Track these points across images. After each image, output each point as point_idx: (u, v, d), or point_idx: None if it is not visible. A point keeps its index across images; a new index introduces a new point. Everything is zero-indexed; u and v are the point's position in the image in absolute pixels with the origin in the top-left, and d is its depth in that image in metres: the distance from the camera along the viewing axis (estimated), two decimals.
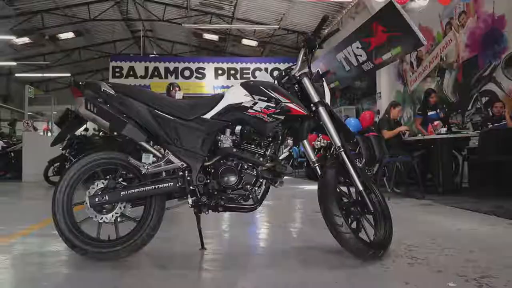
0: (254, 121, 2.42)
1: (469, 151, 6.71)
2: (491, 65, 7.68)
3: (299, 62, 2.64)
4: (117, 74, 16.95)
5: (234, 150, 2.43)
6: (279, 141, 2.53)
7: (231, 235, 3.39)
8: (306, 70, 2.64)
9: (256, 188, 2.46)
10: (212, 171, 2.43)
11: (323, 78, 2.72)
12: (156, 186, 2.40)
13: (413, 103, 10.60)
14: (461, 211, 4.46)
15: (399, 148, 6.27)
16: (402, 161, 5.91)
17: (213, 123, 2.46)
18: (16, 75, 22.25)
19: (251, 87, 2.46)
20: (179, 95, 7.39)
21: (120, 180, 2.46)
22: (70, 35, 19.52)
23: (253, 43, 19.17)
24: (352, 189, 2.61)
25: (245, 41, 19.11)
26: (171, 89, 7.91)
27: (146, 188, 2.40)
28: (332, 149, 2.83)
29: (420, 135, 6.93)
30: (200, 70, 17.11)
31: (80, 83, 2.53)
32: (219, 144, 2.49)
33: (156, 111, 2.45)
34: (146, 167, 2.38)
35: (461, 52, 8.60)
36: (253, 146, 2.49)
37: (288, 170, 2.45)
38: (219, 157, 2.44)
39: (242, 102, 2.43)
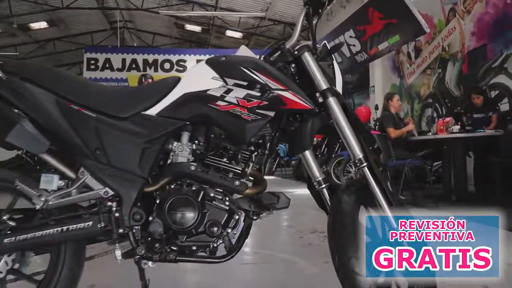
0: (227, 119, 1.50)
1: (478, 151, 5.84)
2: (502, 54, 6.84)
3: (298, 29, 1.70)
4: (92, 67, 15.87)
5: (193, 167, 1.50)
6: (266, 151, 1.61)
7: (199, 279, 2.46)
8: (309, 42, 1.73)
9: (229, 230, 1.53)
10: (157, 202, 1.50)
11: (333, 55, 1.81)
12: (64, 228, 1.45)
13: (411, 97, 9.76)
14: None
15: (403, 149, 5.39)
16: (411, 165, 4.95)
17: (160, 123, 1.53)
18: None
19: (223, 66, 1.54)
20: None
21: (6, 217, 1.51)
22: (43, 24, 18.34)
23: (238, 35, 18.19)
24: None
25: (229, 33, 18.13)
26: (143, 80, 6.98)
27: (48, 232, 1.45)
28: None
29: (428, 133, 5.99)
30: (181, 63, 16.08)
31: None
32: (171, 158, 1.56)
33: (68, 103, 1.52)
34: (43, 198, 1.44)
35: (467, 41, 7.75)
36: (225, 159, 1.56)
37: (281, 202, 1.53)
38: (169, 178, 1.51)
39: (207, 90, 1.51)
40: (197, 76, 1.56)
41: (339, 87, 1.74)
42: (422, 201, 4.99)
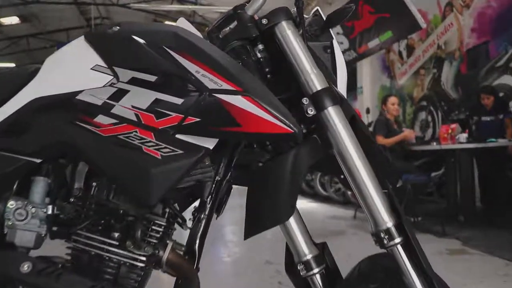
0: (113, 155, 0.71)
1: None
2: (507, 53, 6.19)
3: None
4: None
5: (27, 266, 0.69)
6: (204, 215, 0.82)
7: None
8: (285, 7, 0.96)
9: None
10: None
11: (331, 31, 1.05)
12: None
13: (403, 100, 9.08)
14: None
15: (402, 160, 4.64)
16: (414, 182, 4.15)
17: None
18: None
19: (114, 44, 0.75)
20: None
21: None
22: (15, 20, 17.44)
23: None
24: None
25: None
26: None
27: None
28: None
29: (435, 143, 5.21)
30: None
31: None
32: (5, 234, 0.76)
33: None
34: None
35: (466, 38, 7.10)
36: (116, 235, 0.77)
37: None
38: None
39: (79, 92, 0.71)
40: (64, 65, 0.77)
41: (342, 87, 0.98)
42: (427, 225, 4.21)
